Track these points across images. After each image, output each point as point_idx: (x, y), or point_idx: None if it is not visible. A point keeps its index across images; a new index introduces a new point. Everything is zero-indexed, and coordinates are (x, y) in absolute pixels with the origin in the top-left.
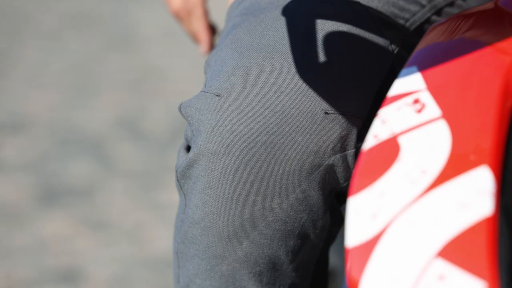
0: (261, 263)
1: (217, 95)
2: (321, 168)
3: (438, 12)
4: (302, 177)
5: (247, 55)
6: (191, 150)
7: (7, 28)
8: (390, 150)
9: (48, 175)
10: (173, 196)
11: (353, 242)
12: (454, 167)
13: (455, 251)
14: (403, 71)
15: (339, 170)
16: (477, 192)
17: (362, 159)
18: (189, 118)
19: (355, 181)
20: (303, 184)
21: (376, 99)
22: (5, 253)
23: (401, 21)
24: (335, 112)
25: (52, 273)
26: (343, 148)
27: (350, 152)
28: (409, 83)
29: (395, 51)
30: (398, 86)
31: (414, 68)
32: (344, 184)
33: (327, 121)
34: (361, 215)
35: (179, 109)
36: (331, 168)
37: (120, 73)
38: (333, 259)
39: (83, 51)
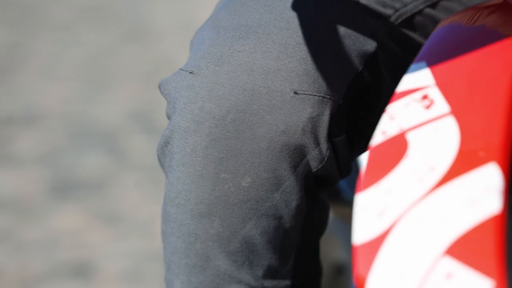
0: (235, 242)
1: (190, 73)
2: (292, 148)
3: (433, 5)
4: (272, 156)
5: (223, 35)
6: (167, 127)
7: (22, 21)
8: (398, 146)
9: (61, 169)
10: None
11: (361, 239)
12: (462, 164)
13: (462, 249)
14: (412, 66)
15: (311, 152)
16: (485, 189)
17: (370, 156)
18: (167, 96)
19: (362, 177)
20: (273, 164)
21: (355, 83)
22: (18, 246)
23: (390, 11)
24: (305, 92)
25: (64, 267)
26: (314, 129)
27: (323, 133)
28: (418, 79)
29: (379, 40)
30: (407, 81)
31: (423, 63)
32: (319, 167)
33: (297, 101)
34: (369, 212)
35: (159, 87)
36: (302, 149)
37: (134, 66)
38: (342, 255)
39: (97, 44)
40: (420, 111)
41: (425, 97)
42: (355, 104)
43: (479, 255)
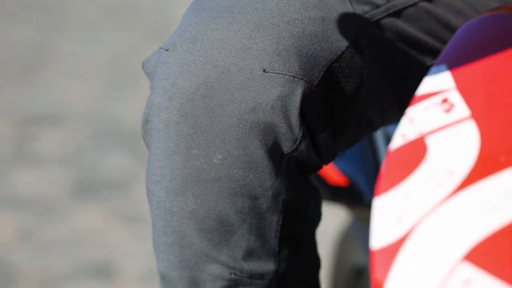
0: (209, 220)
1: (166, 50)
2: (262, 126)
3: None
4: (241, 133)
5: (200, 15)
6: (145, 105)
7: (47, 20)
8: (417, 150)
9: (84, 168)
10: None
11: (379, 244)
12: (482, 168)
13: (482, 255)
14: (433, 69)
15: (282, 131)
16: (505, 194)
17: (388, 159)
18: (148, 74)
19: (381, 181)
20: (243, 141)
21: (333, 67)
22: (40, 246)
23: (380, 1)
24: (275, 71)
25: (86, 267)
26: (284, 108)
27: (294, 113)
28: (438, 82)
29: (365, 27)
30: (427, 84)
31: (444, 66)
32: (293, 147)
33: (266, 80)
34: (387, 216)
35: (142, 66)
36: (272, 128)
37: None
38: (362, 258)
39: (122, 43)
40: (439, 115)
41: (445, 100)
42: (334, 89)
43: (498, 261)
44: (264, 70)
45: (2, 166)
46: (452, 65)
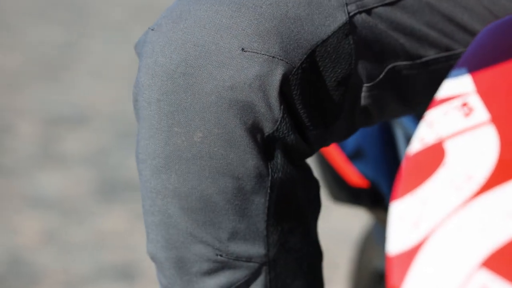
0: (192, 199)
1: (152, 30)
2: (240, 105)
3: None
4: (220, 111)
5: None
6: (133, 85)
7: (74, 20)
8: (435, 154)
9: (107, 170)
10: None
11: (395, 250)
12: (501, 173)
13: (500, 262)
14: (453, 72)
15: (261, 110)
16: None
17: (407, 163)
18: (138, 55)
19: (398, 185)
20: (223, 119)
21: (318, 51)
22: (63, 247)
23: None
24: (253, 50)
25: (109, 269)
26: (262, 87)
27: (273, 93)
28: (458, 85)
29: (351, 14)
30: (447, 88)
31: (464, 69)
32: (274, 128)
33: (244, 58)
34: (404, 221)
35: (134, 48)
36: (251, 107)
37: None
38: (383, 262)
39: None
40: (459, 119)
41: (464, 104)
42: (320, 73)
43: None
44: (242, 49)
45: (28, 166)
46: (472, 68)
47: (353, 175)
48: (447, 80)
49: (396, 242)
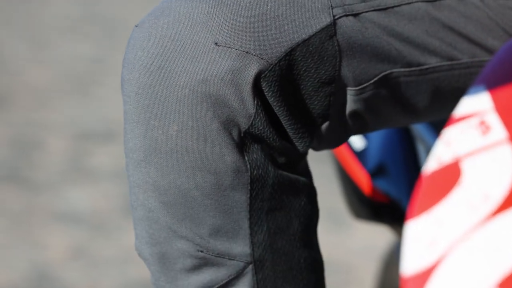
0: (171, 193)
1: (136, 26)
2: (213, 99)
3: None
4: (194, 104)
5: None
6: None
7: (104, 35)
8: (452, 173)
9: None
10: None
11: (409, 271)
12: None
13: None
14: (471, 89)
15: (235, 105)
16: None
17: (423, 182)
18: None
19: (413, 205)
20: (197, 112)
21: (299, 50)
22: (91, 263)
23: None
24: (226, 45)
25: (137, 284)
26: (234, 81)
27: (246, 88)
28: (476, 103)
29: (336, 17)
30: (465, 105)
31: (483, 86)
32: (249, 123)
33: (217, 52)
34: (419, 242)
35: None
36: (224, 101)
37: None
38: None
39: None
40: (476, 138)
41: (482, 123)
42: (301, 73)
43: None
44: (216, 44)
45: (56, 181)
46: (491, 86)
47: (374, 191)
48: (465, 97)
49: (411, 263)
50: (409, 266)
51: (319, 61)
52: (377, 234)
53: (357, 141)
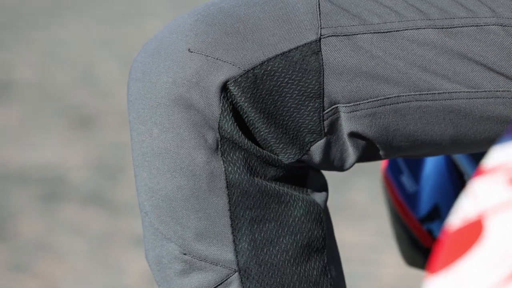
0: (158, 195)
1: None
2: (183, 101)
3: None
4: (169, 106)
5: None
6: None
7: None
8: (475, 229)
9: None
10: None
11: None
12: None
13: None
14: (503, 138)
15: (201, 107)
16: None
17: (445, 237)
18: None
19: (434, 260)
20: (171, 114)
21: (278, 62)
22: None
23: (356, 21)
24: (197, 51)
25: None
26: (200, 84)
27: (212, 91)
28: (505, 155)
29: (324, 36)
30: (494, 156)
31: None
32: (217, 126)
33: (188, 58)
34: None
35: None
36: (192, 103)
37: None
38: None
39: None
40: (503, 193)
41: (511, 179)
42: (280, 83)
43: None
44: (189, 50)
45: (136, 204)
46: None
47: (428, 236)
48: (494, 147)
49: None
50: None
51: (301, 74)
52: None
53: (409, 183)
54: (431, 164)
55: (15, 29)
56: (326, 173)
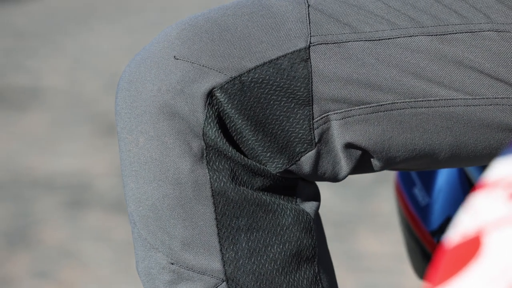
0: (145, 204)
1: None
2: (168, 108)
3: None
4: (154, 114)
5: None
6: None
7: None
8: (473, 245)
9: None
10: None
11: None
12: None
13: None
14: (505, 151)
15: (185, 114)
16: None
17: (443, 252)
18: None
19: (433, 274)
20: (156, 122)
21: (266, 69)
22: None
23: (347, 29)
24: (183, 58)
25: None
26: (184, 91)
27: (197, 97)
28: (507, 168)
29: (313, 44)
30: (495, 171)
31: None
32: (201, 133)
33: (173, 65)
34: None
35: None
36: (176, 110)
37: None
38: None
39: None
40: (503, 206)
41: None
42: (268, 90)
43: None
44: (174, 57)
45: None
46: None
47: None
48: (495, 161)
49: None
50: None
51: (289, 81)
52: None
53: (421, 195)
54: (444, 177)
55: (45, 37)
56: (351, 182)
